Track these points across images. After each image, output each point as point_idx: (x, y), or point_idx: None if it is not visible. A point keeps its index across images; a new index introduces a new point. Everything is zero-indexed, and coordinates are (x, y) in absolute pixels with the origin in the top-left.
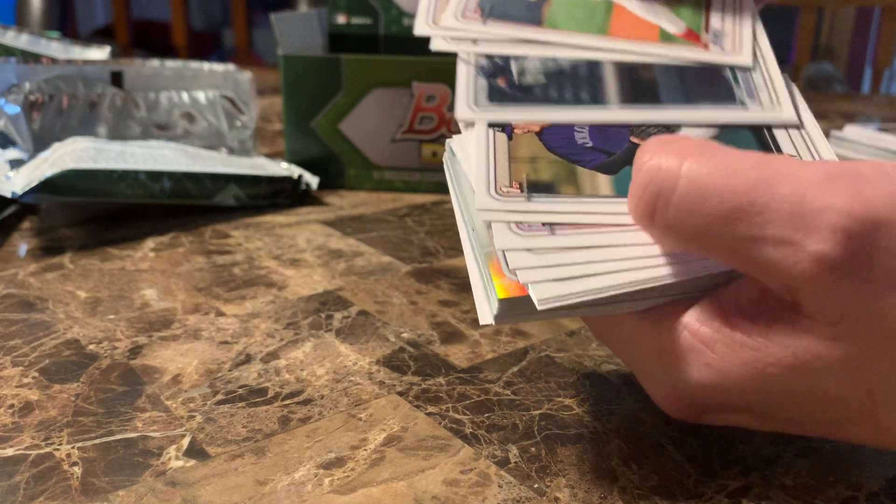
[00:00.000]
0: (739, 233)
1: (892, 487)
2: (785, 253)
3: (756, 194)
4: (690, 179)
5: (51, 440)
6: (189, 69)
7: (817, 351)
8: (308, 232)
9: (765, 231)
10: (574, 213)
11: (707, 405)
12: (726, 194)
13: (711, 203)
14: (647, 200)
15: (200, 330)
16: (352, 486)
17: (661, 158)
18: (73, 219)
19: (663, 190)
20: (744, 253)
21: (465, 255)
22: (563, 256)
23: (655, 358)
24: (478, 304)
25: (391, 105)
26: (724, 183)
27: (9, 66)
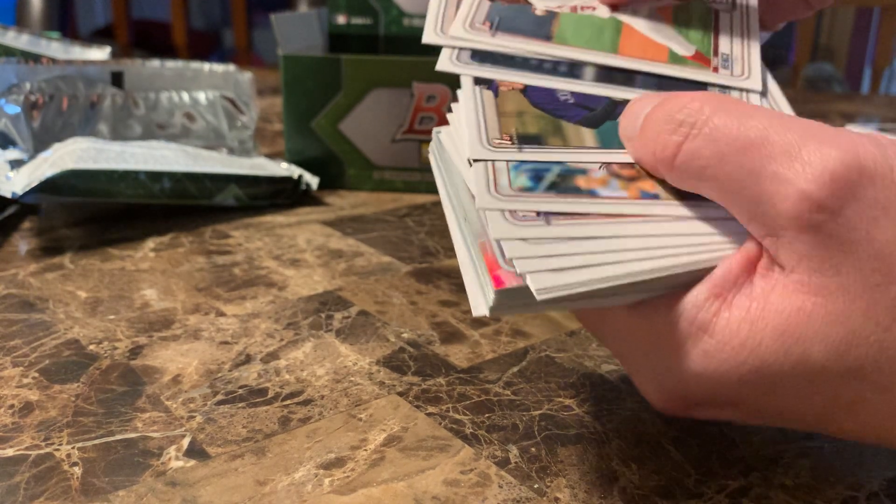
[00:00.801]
0: (747, 165)
1: (892, 487)
2: (778, 188)
3: (769, 133)
4: (724, 114)
5: (51, 440)
6: (189, 69)
7: (806, 310)
8: (308, 232)
9: (767, 165)
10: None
11: (698, 398)
12: (746, 129)
13: (732, 134)
14: (682, 130)
15: (200, 330)
16: (352, 487)
17: (700, 101)
18: (73, 219)
19: (700, 120)
20: (745, 186)
21: (456, 246)
22: (560, 246)
23: (648, 350)
24: (471, 296)
25: (391, 105)
26: (747, 120)
27: (9, 66)
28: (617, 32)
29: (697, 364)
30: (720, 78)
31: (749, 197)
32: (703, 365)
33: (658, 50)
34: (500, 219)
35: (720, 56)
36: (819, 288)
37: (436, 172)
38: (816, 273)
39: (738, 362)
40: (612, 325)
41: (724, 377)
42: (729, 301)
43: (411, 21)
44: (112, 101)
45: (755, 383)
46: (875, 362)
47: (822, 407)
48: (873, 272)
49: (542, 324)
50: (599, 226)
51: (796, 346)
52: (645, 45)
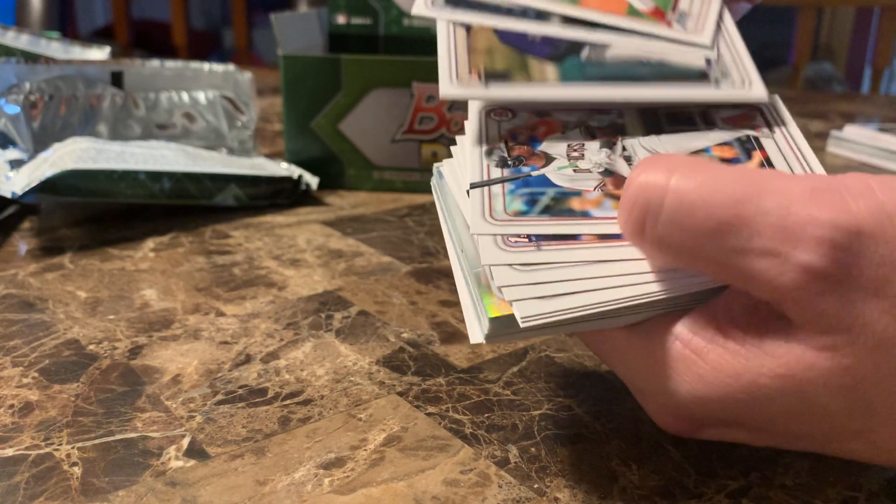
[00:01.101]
0: (727, 246)
1: (892, 487)
2: (771, 264)
3: (742, 208)
4: (677, 194)
5: (51, 440)
6: (189, 69)
7: (809, 361)
8: (308, 232)
9: (751, 243)
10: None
11: (702, 419)
12: (712, 208)
13: (698, 217)
14: (637, 216)
15: (200, 330)
16: (352, 486)
17: (649, 174)
18: (73, 219)
19: (651, 205)
20: (732, 266)
21: (455, 276)
22: (549, 273)
23: (647, 371)
24: (468, 324)
25: (391, 105)
26: (710, 197)
27: (9, 66)
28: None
29: (693, 387)
30: (672, 32)
31: (738, 274)
32: (698, 388)
33: (618, 3)
34: (492, 245)
35: (678, 12)
36: (825, 346)
37: (437, 205)
38: (822, 335)
39: (733, 389)
40: (612, 346)
41: (722, 400)
42: (724, 331)
43: (411, 21)
44: (112, 101)
45: (754, 409)
46: (885, 401)
47: (830, 432)
48: (886, 328)
49: None
50: (589, 250)
51: (797, 387)
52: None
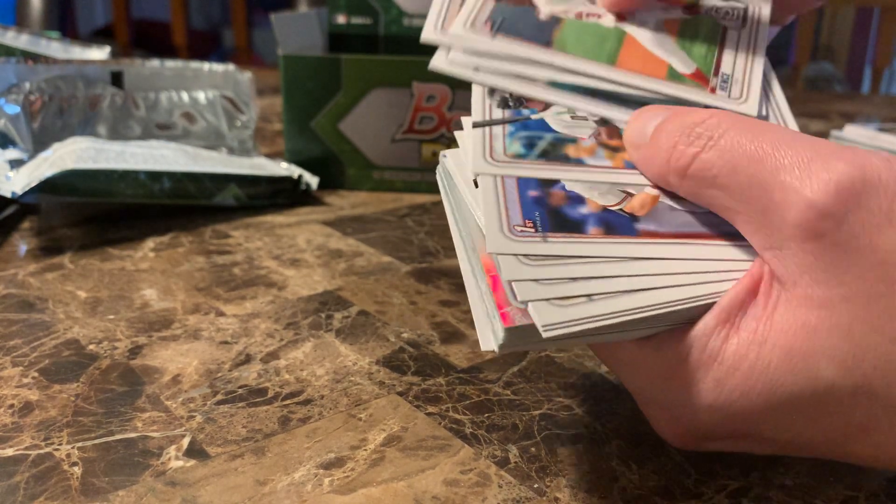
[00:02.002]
0: (757, 175)
1: (892, 487)
2: (785, 197)
3: (780, 147)
4: (738, 127)
5: (51, 440)
6: (189, 69)
7: (810, 324)
8: (308, 232)
9: (776, 176)
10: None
11: (711, 430)
12: (759, 142)
13: (746, 147)
14: (698, 141)
15: (200, 330)
16: (352, 486)
17: (716, 115)
18: (73, 219)
19: (716, 132)
20: (754, 194)
21: (464, 278)
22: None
23: (659, 383)
24: (479, 330)
25: (391, 105)
26: (759, 135)
27: (9, 66)
28: (619, 43)
29: (709, 394)
30: (717, 100)
31: (757, 206)
32: (715, 395)
33: (658, 65)
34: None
35: (720, 76)
36: (822, 301)
37: (444, 200)
38: (819, 285)
39: (747, 388)
40: (622, 358)
41: (736, 406)
42: (737, 325)
43: (411, 21)
44: (112, 101)
45: (766, 410)
46: (884, 377)
47: (835, 430)
48: (877, 281)
49: None
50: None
51: (803, 363)
52: (645, 59)
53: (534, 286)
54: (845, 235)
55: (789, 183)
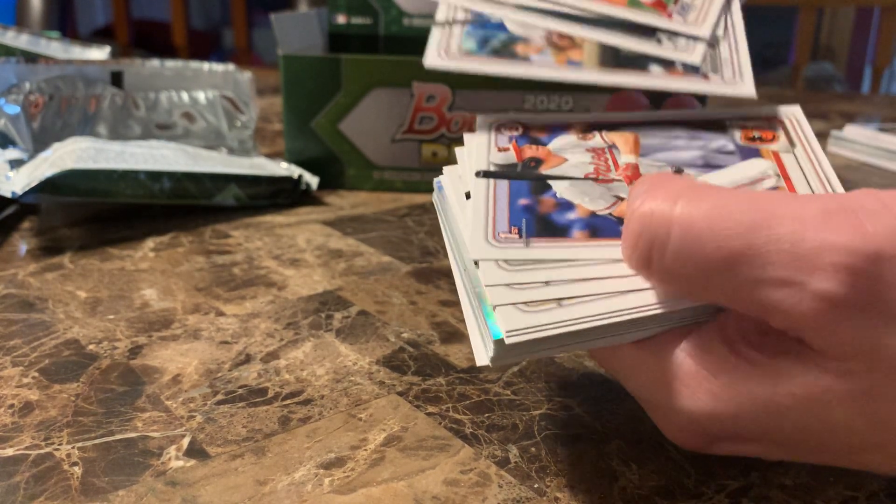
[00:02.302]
0: (739, 277)
1: (892, 487)
2: (787, 294)
3: (753, 236)
4: (684, 225)
5: (51, 440)
6: (189, 69)
7: (826, 384)
8: (308, 232)
9: (765, 273)
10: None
11: (716, 434)
12: (722, 239)
13: (708, 249)
14: (643, 249)
15: (200, 330)
16: (352, 486)
17: (652, 203)
18: (73, 219)
19: (657, 237)
20: (745, 296)
21: (460, 297)
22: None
23: (659, 388)
24: (474, 346)
25: (391, 105)
26: (718, 226)
27: (9, 66)
28: None
29: (706, 404)
30: (671, 24)
31: (753, 305)
32: (712, 405)
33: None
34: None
35: (680, 3)
36: (843, 372)
37: (439, 216)
38: (841, 361)
39: (748, 407)
40: (621, 363)
41: (737, 417)
42: (737, 351)
43: (411, 21)
44: (112, 101)
45: (771, 426)
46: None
47: (846, 446)
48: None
49: None
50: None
51: (815, 406)
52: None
53: (505, 291)
54: (869, 315)
55: (787, 278)
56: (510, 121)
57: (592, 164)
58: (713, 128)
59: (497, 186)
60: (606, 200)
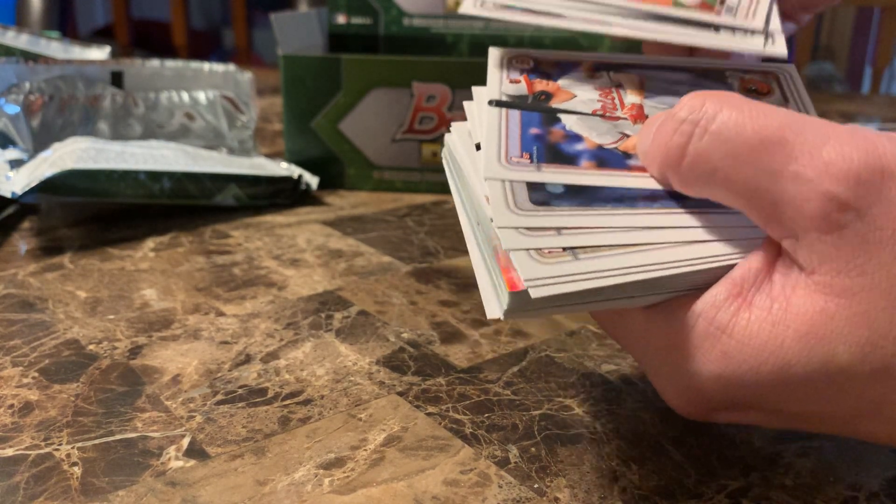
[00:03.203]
0: (763, 165)
1: (892, 487)
2: (800, 189)
3: (786, 131)
4: (731, 111)
5: (51, 440)
6: (189, 69)
7: (829, 311)
8: (308, 232)
9: (788, 165)
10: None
11: (720, 401)
12: (761, 127)
13: (747, 133)
14: (685, 130)
15: (200, 330)
16: (352, 487)
17: (702, 97)
18: (73, 219)
19: (704, 118)
20: (765, 185)
21: (470, 250)
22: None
23: (667, 353)
24: (485, 300)
25: (391, 105)
26: (760, 118)
27: (9, 66)
28: None
29: (716, 365)
30: (721, 19)
31: (767, 199)
32: (722, 366)
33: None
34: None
35: (726, 5)
36: (842, 289)
37: (448, 176)
38: (840, 274)
39: (758, 363)
40: (629, 328)
41: (744, 378)
42: (749, 301)
43: (411, 21)
44: (112, 101)
45: (777, 385)
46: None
47: (848, 408)
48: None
49: (542, 324)
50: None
51: (819, 347)
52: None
53: (517, 235)
54: (868, 227)
55: (803, 173)
56: (521, 55)
57: (599, 101)
58: (714, 77)
59: (509, 115)
60: (613, 136)
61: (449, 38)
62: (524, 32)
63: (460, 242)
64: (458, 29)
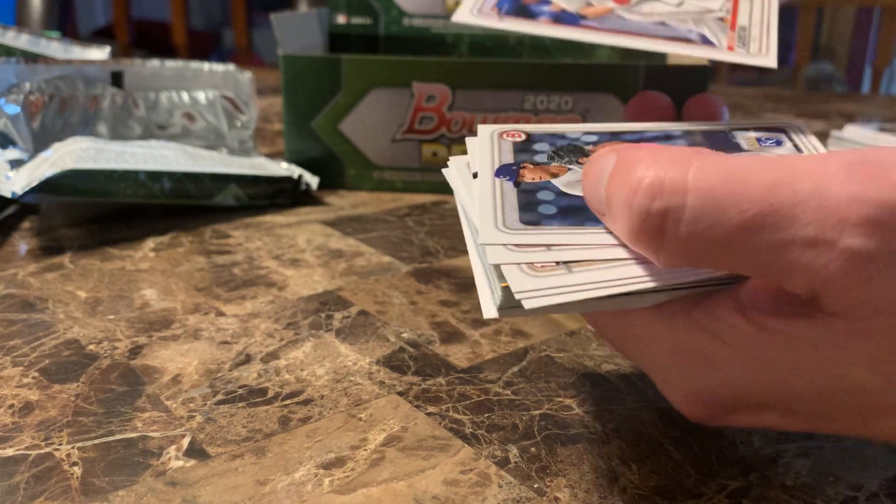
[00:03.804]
0: (762, 241)
1: (892, 487)
2: (815, 254)
3: (776, 197)
4: (702, 191)
5: (51, 440)
6: (189, 69)
7: (843, 345)
8: (308, 232)
9: (790, 234)
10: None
11: (729, 404)
12: (744, 202)
13: (730, 214)
14: (654, 222)
15: (200, 330)
16: (352, 486)
17: (660, 170)
18: (73, 219)
19: (671, 207)
20: (768, 261)
21: (469, 251)
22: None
23: (671, 357)
24: (481, 298)
25: (391, 105)
26: (740, 189)
27: (9, 66)
28: None
29: (721, 372)
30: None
31: (777, 269)
32: (727, 374)
33: None
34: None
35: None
36: (865, 330)
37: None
38: (864, 320)
39: (762, 374)
40: (631, 333)
41: (751, 386)
42: (750, 317)
43: (411, 21)
44: (112, 101)
45: (786, 395)
46: None
47: (865, 410)
48: None
49: (542, 324)
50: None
51: (832, 369)
52: None
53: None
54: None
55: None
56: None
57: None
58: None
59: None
60: (579, 4)
61: (449, 38)
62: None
63: (460, 242)
64: (458, 29)
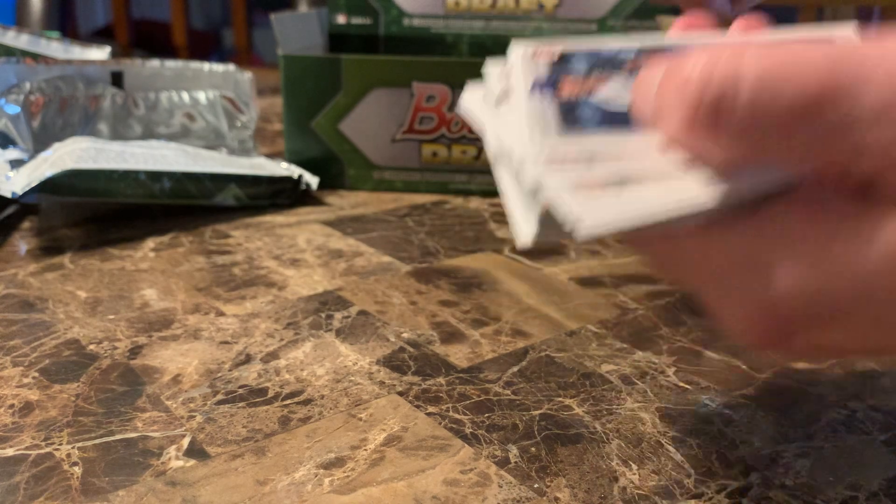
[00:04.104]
0: (827, 119)
1: (892, 487)
2: (885, 127)
3: (839, 71)
4: (759, 69)
5: (51, 440)
6: (189, 69)
7: None
8: (308, 232)
9: (856, 109)
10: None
11: (797, 320)
12: (806, 77)
13: (790, 92)
14: (709, 103)
15: (200, 330)
16: (352, 486)
17: (711, 59)
18: (73, 219)
19: (730, 84)
20: (834, 140)
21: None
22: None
23: (735, 272)
24: (516, 224)
25: (391, 105)
26: (799, 66)
27: (9, 66)
28: None
29: (792, 279)
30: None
31: (842, 148)
32: (797, 279)
33: None
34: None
35: None
36: None
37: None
38: None
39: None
40: (681, 254)
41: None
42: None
43: (411, 21)
44: (112, 101)
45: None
46: None
47: None
48: None
49: (542, 324)
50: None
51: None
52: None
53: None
54: None
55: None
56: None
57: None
58: None
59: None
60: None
61: (449, 38)
62: (525, 32)
63: (460, 242)
64: (458, 29)
